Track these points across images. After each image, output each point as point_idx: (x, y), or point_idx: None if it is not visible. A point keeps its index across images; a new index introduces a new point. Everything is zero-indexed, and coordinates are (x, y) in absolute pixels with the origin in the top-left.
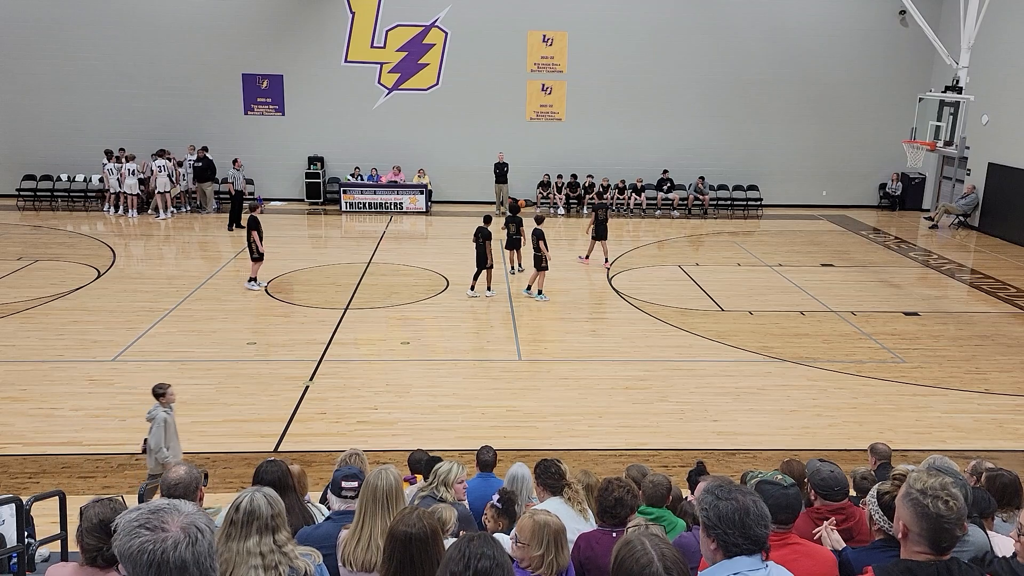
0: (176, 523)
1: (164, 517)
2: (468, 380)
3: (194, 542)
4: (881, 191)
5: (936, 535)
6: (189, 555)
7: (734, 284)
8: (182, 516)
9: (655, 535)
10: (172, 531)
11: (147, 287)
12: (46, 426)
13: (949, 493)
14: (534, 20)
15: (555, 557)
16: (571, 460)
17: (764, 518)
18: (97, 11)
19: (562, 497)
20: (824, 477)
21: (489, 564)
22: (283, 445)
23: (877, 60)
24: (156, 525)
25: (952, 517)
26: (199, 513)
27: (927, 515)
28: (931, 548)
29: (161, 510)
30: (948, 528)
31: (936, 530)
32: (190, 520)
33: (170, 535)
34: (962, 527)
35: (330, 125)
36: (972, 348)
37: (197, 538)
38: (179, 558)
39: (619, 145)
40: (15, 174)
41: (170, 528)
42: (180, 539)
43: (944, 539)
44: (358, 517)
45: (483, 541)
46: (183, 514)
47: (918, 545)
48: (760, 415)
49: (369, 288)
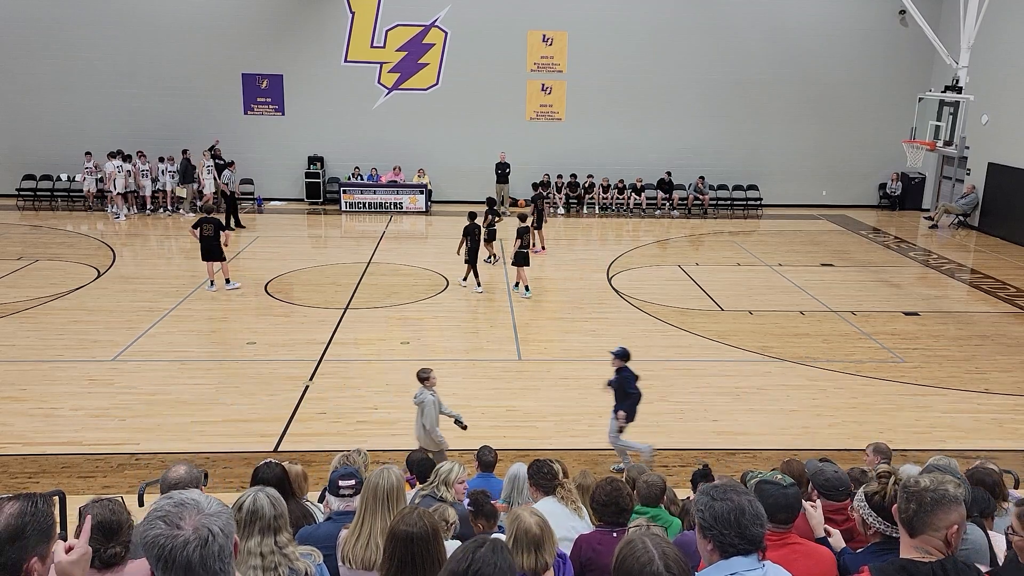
0: (191, 522)
1: (183, 514)
2: (468, 380)
3: (204, 544)
4: (881, 191)
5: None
6: (196, 556)
7: (734, 284)
8: (200, 516)
9: (656, 534)
10: (185, 530)
11: (147, 287)
12: (46, 426)
13: (951, 484)
14: (534, 20)
15: (535, 559)
16: (571, 460)
17: (760, 518)
18: (97, 11)
19: (555, 496)
20: (828, 478)
21: (491, 572)
22: (283, 445)
23: (877, 60)
24: (173, 521)
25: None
26: (219, 515)
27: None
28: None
29: (183, 506)
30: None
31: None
32: (206, 522)
33: (182, 534)
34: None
35: (330, 125)
36: (972, 348)
37: (208, 540)
38: (185, 558)
39: (619, 145)
40: (15, 174)
41: (184, 527)
42: (190, 539)
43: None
44: (359, 515)
45: (493, 550)
46: (202, 514)
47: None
48: (760, 415)
49: (369, 288)
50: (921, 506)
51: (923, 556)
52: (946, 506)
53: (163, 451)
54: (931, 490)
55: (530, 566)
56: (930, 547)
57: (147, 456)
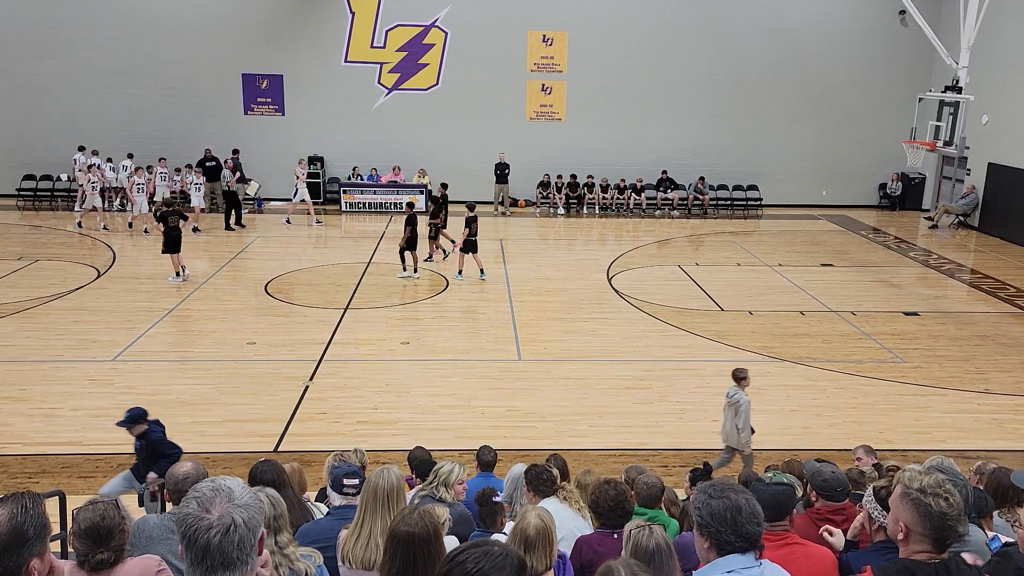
0: (219, 509)
1: (215, 499)
2: (468, 380)
3: (225, 531)
4: (881, 191)
5: (940, 533)
6: (216, 542)
7: (734, 284)
8: (228, 504)
9: (635, 563)
10: (212, 516)
11: (147, 287)
12: (46, 426)
13: (947, 490)
14: (534, 20)
15: (536, 560)
16: (571, 460)
17: (756, 516)
18: (97, 11)
19: (557, 497)
20: (826, 478)
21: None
22: (283, 445)
23: (877, 60)
24: (204, 504)
25: (954, 514)
26: (248, 507)
27: (930, 514)
28: (934, 546)
29: (218, 491)
30: (951, 525)
31: (940, 528)
32: (232, 511)
33: (208, 518)
34: (963, 523)
35: (330, 125)
36: (972, 348)
37: (230, 529)
38: (205, 541)
39: (619, 145)
40: (15, 174)
41: (212, 512)
42: (214, 524)
43: (948, 536)
44: (359, 515)
45: (501, 555)
46: (231, 503)
47: (920, 544)
48: (760, 415)
49: (369, 288)
50: None
51: (926, 556)
52: None
53: None
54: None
55: (530, 567)
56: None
57: None
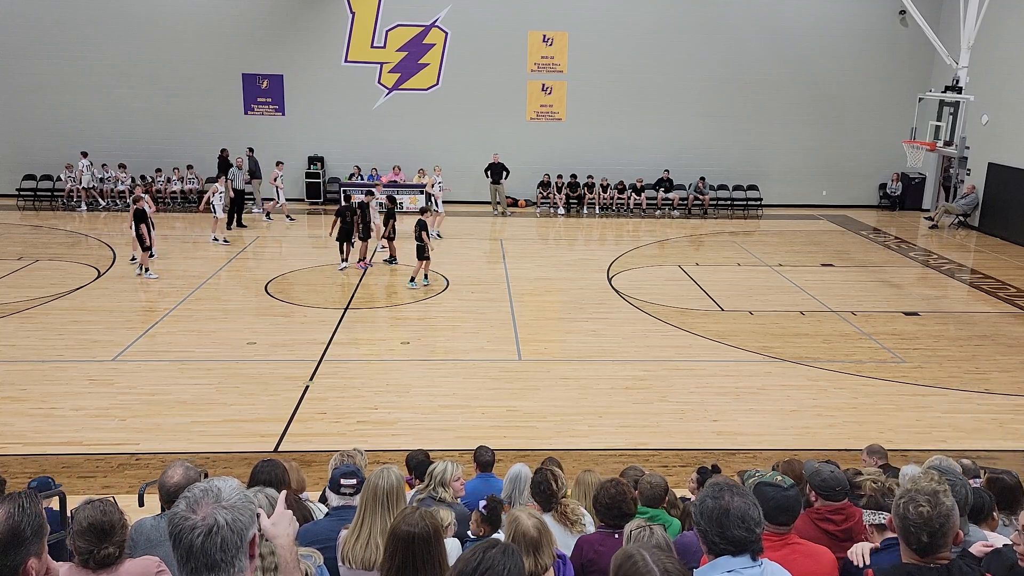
0: (204, 510)
1: (201, 500)
2: (468, 380)
3: (207, 533)
4: (881, 191)
5: (905, 535)
6: (199, 543)
7: (734, 284)
8: (214, 506)
9: (657, 548)
10: (196, 516)
11: (147, 287)
12: (46, 426)
13: (928, 499)
14: (534, 20)
15: (534, 561)
16: (571, 460)
17: (746, 520)
18: (97, 11)
19: (553, 514)
20: (825, 478)
21: (502, 573)
22: (283, 445)
23: (877, 60)
24: (191, 505)
25: (919, 522)
26: (232, 509)
27: (898, 515)
28: (917, 553)
29: (207, 493)
30: (915, 532)
31: (904, 530)
32: (215, 512)
33: (192, 518)
34: (943, 534)
35: (330, 125)
36: (972, 348)
37: (212, 530)
38: (189, 542)
39: (619, 145)
40: (15, 174)
41: (197, 513)
42: (198, 525)
43: (912, 541)
44: (359, 515)
45: (504, 552)
46: (217, 504)
47: (905, 548)
48: (760, 415)
49: (369, 288)
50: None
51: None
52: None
53: (163, 451)
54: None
55: (530, 568)
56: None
57: (147, 456)
